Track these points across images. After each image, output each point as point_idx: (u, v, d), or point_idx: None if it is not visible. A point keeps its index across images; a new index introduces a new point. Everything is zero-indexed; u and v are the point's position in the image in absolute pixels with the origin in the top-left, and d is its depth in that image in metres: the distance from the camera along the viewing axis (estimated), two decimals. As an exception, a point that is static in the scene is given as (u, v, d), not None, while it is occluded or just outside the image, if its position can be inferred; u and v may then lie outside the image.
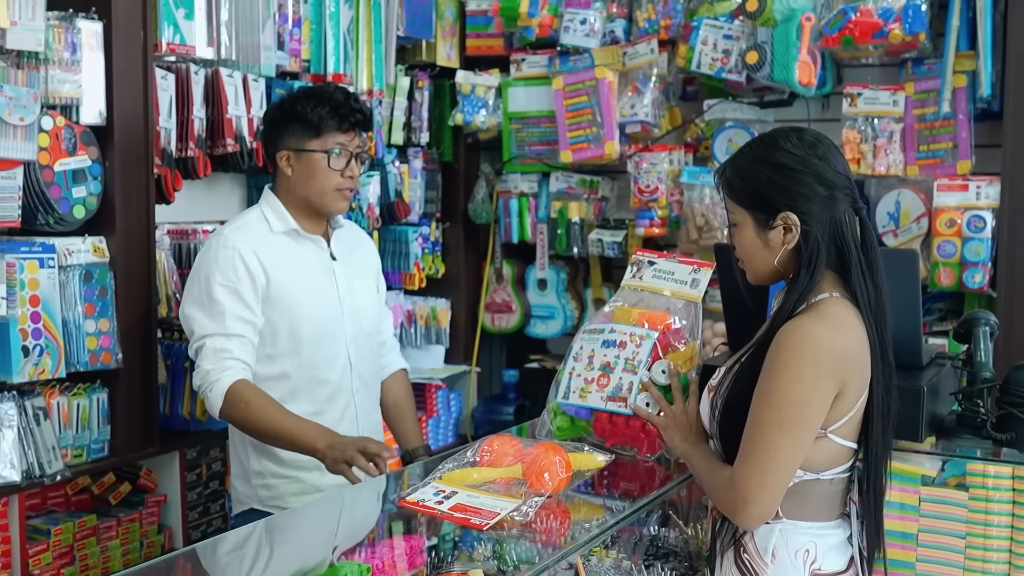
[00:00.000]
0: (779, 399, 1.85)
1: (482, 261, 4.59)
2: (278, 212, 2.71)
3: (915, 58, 3.69)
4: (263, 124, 2.82)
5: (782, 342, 1.88)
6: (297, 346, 2.66)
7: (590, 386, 2.21)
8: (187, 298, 2.65)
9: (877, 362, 1.95)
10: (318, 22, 3.70)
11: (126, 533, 3.08)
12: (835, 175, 1.93)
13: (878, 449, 1.97)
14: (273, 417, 2.51)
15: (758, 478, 1.86)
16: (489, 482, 1.96)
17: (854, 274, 1.94)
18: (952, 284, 3.58)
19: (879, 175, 3.72)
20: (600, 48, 4.11)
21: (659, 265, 2.36)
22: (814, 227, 1.92)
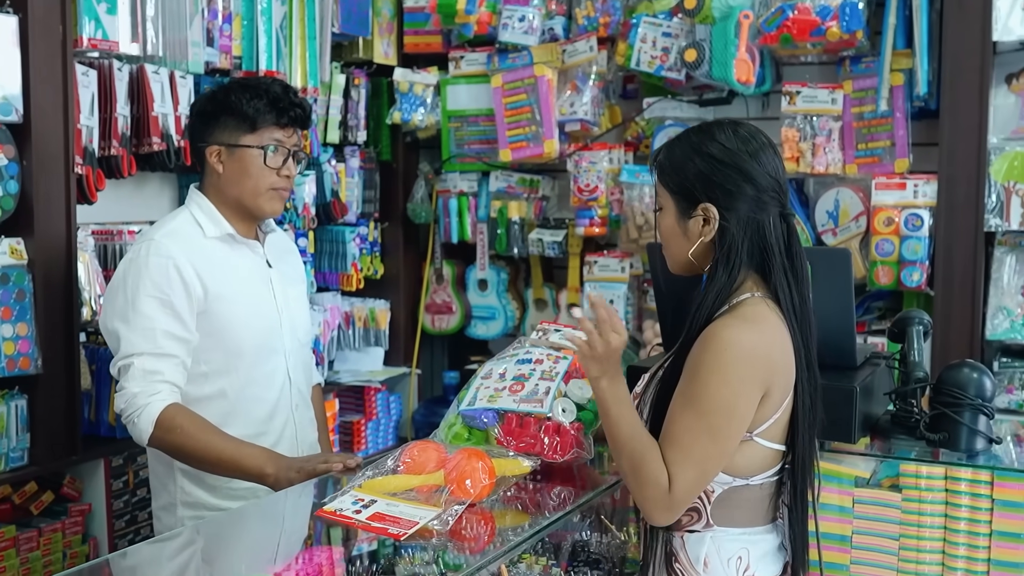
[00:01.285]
0: (706, 405, 1.81)
1: (422, 261, 4.53)
2: (211, 215, 2.49)
3: (853, 56, 3.69)
4: (190, 116, 2.59)
5: (706, 345, 1.83)
6: (235, 363, 2.46)
7: (501, 393, 2.16)
8: (109, 310, 2.40)
9: (801, 365, 1.91)
10: (250, 18, 3.61)
11: (48, 544, 2.98)
12: (764, 176, 1.89)
13: (804, 452, 1.93)
14: (212, 443, 2.30)
15: (689, 485, 1.82)
16: (410, 490, 1.90)
17: (776, 278, 1.90)
18: (890, 283, 3.57)
19: (818, 173, 3.71)
20: (539, 46, 4.06)
21: (565, 332, 2.31)
22: (733, 224, 1.88)
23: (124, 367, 2.34)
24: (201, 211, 2.50)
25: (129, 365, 2.33)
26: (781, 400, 1.88)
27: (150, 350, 2.33)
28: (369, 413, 4.28)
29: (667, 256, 2.03)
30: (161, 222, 2.52)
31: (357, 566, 1.82)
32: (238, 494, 2.43)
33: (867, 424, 2.52)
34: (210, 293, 2.41)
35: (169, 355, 2.35)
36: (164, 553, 1.89)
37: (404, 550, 1.80)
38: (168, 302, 2.36)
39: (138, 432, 2.33)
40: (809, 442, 1.94)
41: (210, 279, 2.41)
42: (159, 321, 2.34)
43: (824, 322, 2.46)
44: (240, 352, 2.46)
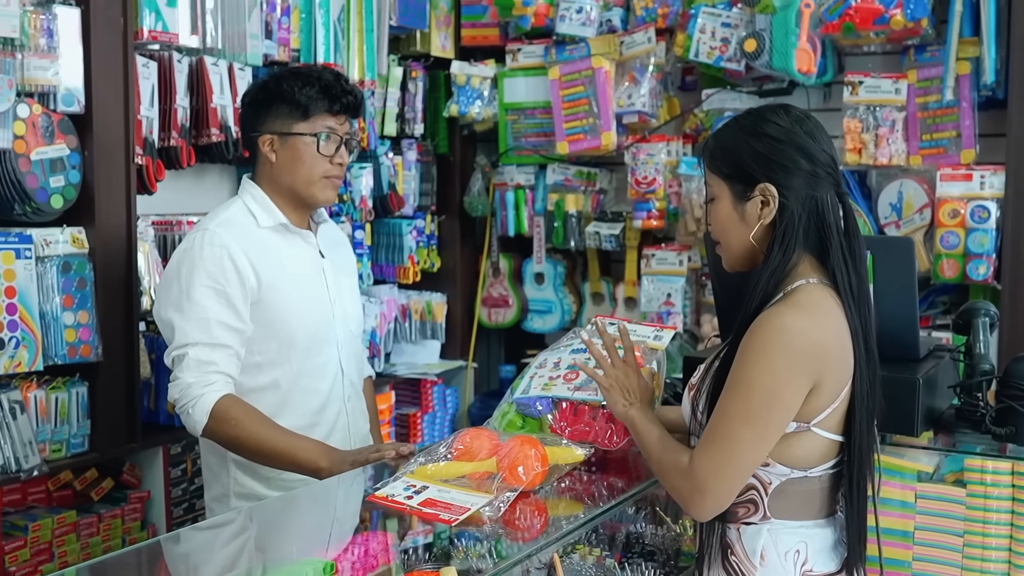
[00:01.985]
0: (748, 390, 1.76)
1: (478, 255, 4.52)
2: (264, 205, 2.47)
3: (918, 45, 3.61)
4: (242, 106, 2.56)
5: (756, 331, 1.79)
6: (288, 353, 2.43)
7: (555, 381, 2.14)
8: (164, 300, 2.38)
9: (860, 351, 1.85)
10: (308, 10, 3.63)
11: (107, 529, 3.02)
12: (820, 152, 1.85)
13: (862, 443, 1.87)
14: (267, 435, 2.28)
15: (717, 469, 1.77)
16: (462, 477, 1.89)
17: (833, 258, 1.85)
18: (956, 276, 3.49)
19: (881, 165, 3.63)
20: (596, 37, 4.03)
21: (620, 325, 2.28)
22: (792, 201, 1.83)
23: (178, 357, 2.33)
24: (254, 201, 2.49)
25: (184, 355, 2.32)
26: (838, 389, 1.83)
27: (205, 340, 2.31)
28: (425, 406, 4.29)
29: (724, 250, 1.97)
30: (215, 212, 2.50)
31: (409, 552, 1.80)
32: (291, 485, 2.41)
33: (931, 418, 2.46)
34: (264, 283, 2.39)
35: (223, 345, 2.33)
36: (214, 537, 1.90)
37: (456, 537, 1.79)
38: (223, 292, 2.34)
39: (192, 423, 2.31)
40: (867, 433, 1.88)
41: (264, 269, 2.40)
42: (213, 311, 2.33)
43: (886, 313, 2.42)
44: (293, 343, 2.44)
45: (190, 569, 1.81)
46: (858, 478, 1.87)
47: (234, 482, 2.47)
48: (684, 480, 1.80)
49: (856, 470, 1.87)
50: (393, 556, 1.82)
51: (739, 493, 1.85)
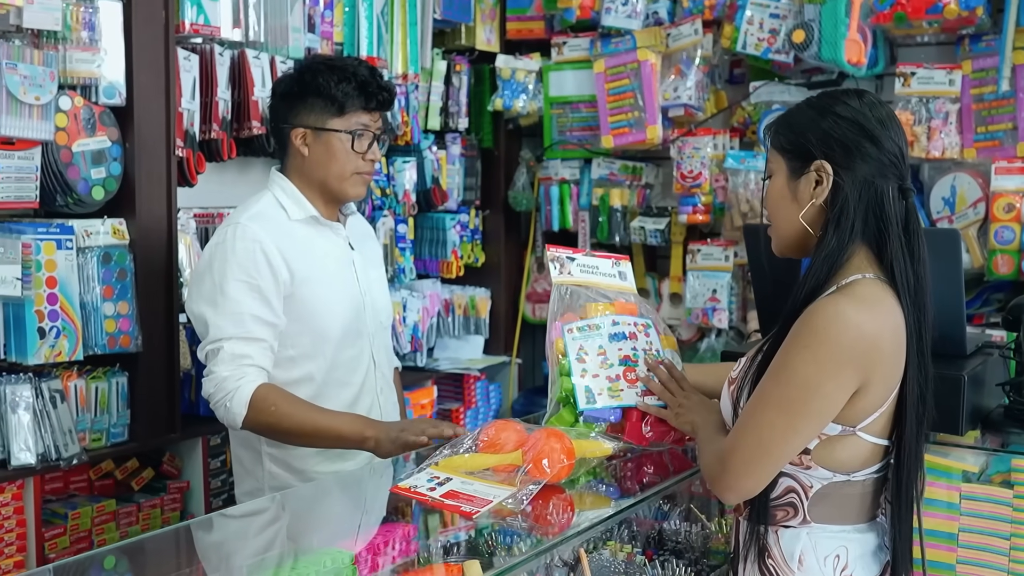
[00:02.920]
0: (787, 376, 1.71)
1: (523, 250, 4.49)
2: (294, 198, 2.46)
3: (972, 35, 3.51)
4: (274, 96, 2.52)
5: (808, 319, 1.71)
6: (322, 347, 2.44)
7: (618, 383, 2.09)
8: (196, 294, 2.38)
9: (913, 354, 1.77)
10: (351, 4, 3.63)
11: (147, 519, 3.04)
12: (888, 140, 1.77)
13: (911, 447, 1.79)
14: (308, 416, 2.28)
15: (744, 453, 1.73)
16: (487, 469, 1.86)
17: (892, 251, 1.76)
18: (1011, 272, 3.38)
19: (934, 159, 3.54)
20: (642, 30, 3.98)
21: (579, 260, 2.23)
22: (848, 184, 1.76)
23: (213, 351, 2.33)
24: (284, 193, 2.48)
25: (218, 349, 2.31)
26: (887, 392, 1.75)
27: (239, 334, 2.31)
28: (468, 401, 4.27)
29: (774, 232, 1.91)
30: (244, 206, 2.49)
31: (430, 543, 1.78)
32: (314, 473, 2.43)
33: (977, 416, 2.39)
34: (296, 276, 2.39)
35: (257, 339, 2.33)
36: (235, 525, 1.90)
37: (481, 530, 1.76)
38: (256, 286, 2.34)
39: (231, 416, 2.30)
40: (917, 437, 1.80)
41: (296, 262, 2.39)
42: (247, 305, 2.32)
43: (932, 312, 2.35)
44: (327, 336, 2.44)
45: (212, 555, 1.80)
46: (906, 483, 1.80)
47: (268, 475, 2.48)
48: (716, 462, 1.78)
49: (905, 476, 1.80)
50: (416, 548, 1.80)
51: (778, 495, 1.80)
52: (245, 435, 2.46)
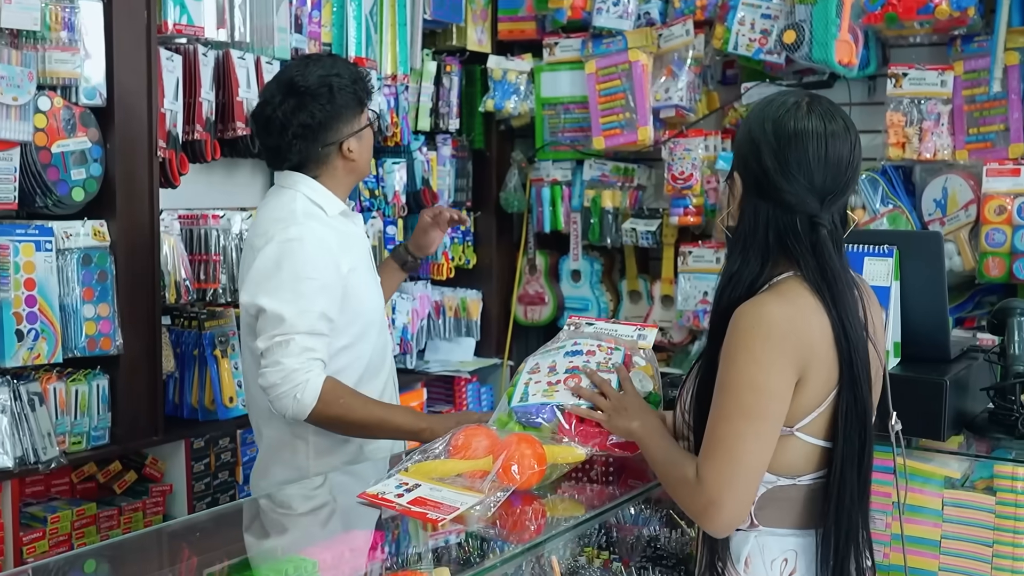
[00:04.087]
0: (736, 386, 1.69)
1: (515, 251, 4.46)
2: (324, 195, 2.52)
3: (964, 35, 3.47)
4: (305, 127, 2.46)
5: (736, 323, 1.72)
6: (368, 333, 2.56)
7: (556, 387, 2.06)
8: (261, 290, 2.39)
9: (844, 355, 1.73)
10: (340, 4, 3.60)
11: (128, 523, 3.02)
12: (804, 169, 1.73)
13: (847, 453, 1.74)
14: (371, 409, 2.41)
15: (723, 475, 1.68)
16: (458, 475, 1.84)
17: (804, 271, 1.75)
18: (1002, 275, 3.34)
19: (925, 160, 3.50)
20: (634, 30, 3.95)
21: (599, 325, 2.23)
22: (749, 207, 1.77)
23: (283, 343, 2.35)
24: (314, 192, 2.52)
25: (288, 341, 2.35)
26: (824, 392, 1.73)
27: (308, 329, 2.37)
28: (459, 403, 4.24)
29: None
30: (282, 206, 2.49)
31: (402, 551, 1.76)
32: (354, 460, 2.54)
33: (962, 421, 2.36)
34: (348, 269, 2.48)
35: (323, 334, 2.41)
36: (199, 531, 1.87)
37: (453, 537, 1.74)
38: (324, 283, 2.41)
39: (300, 407, 2.33)
40: (856, 442, 1.75)
41: (346, 255, 2.49)
42: (316, 302, 2.39)
43: (914, 311, 2.33)
44: (372, 322, 2.57)
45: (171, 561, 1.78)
46: (839, 489, 1.75)
47: (312, 464, 2.50)
48: (695, 495, 1.72)
49: (838, 480, 1.75)
50: (384, 555, 1.78)
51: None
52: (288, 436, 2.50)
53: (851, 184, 1.79)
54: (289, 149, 2.50)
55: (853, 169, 1.78)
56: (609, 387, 2.00)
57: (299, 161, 2.52)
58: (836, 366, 1.73)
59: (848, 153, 1.76)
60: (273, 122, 2.48)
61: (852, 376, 1.73)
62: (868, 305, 1.82)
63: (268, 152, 2.58)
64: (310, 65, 2.52)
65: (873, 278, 2.26)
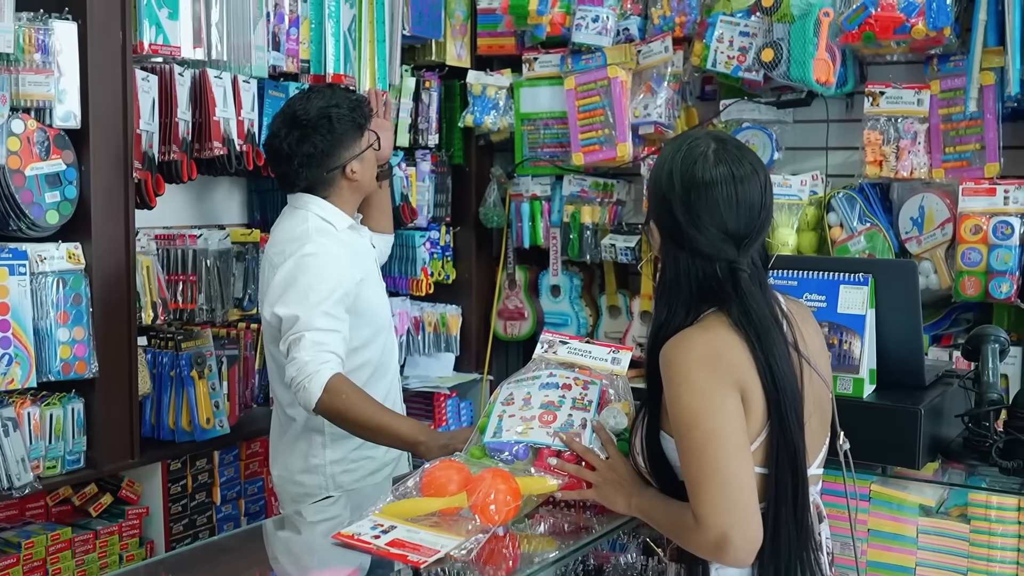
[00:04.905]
0: (691, 419, 1.71)
1: (494, 266, 4.46)
2: (332, 212, 2.78)
3: (941, 55, 3.48)
4: (308, 155, 2.73)
5: (665, 362, 1.77)
6: (378, 334, 2.82)
7: (531, 423, 2.04)
8: (279, 300, 2.62)
9: (771, 395, 1.75)
10: (318, 21, 3.59)
11: (104, 546, 3.01)
12: (716, 215, 1.77)
13: (779, 493, 1.75)
14: (373, 412, 2.51)
15: (719, 505, 1.68)
16: (432, 514, 1.83)
17: (728, 314, 1.79)
18: (977, 294, 3.36)
19: (902, 178, 3.52)
20: (613, 47, 3.95)
21: (573, 345, 2.22)
22: (669, 257, 1.83)
23: (296, 340, 2.55)
24: (323, 210, 2.77)
25: (300, 338, 2.54)
26: (758, 424, 1.76)
27: (319, 326, 2.56)
28: (439, 419, 4.24)
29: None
30: (295, 226, 2.74)
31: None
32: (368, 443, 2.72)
33: (937, 447, 2.38)
34: (360, 279, 2.72)
35: (335, 330, 2.59)
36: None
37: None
38: (335, 291, 2.62)
39: (308, 396, 2.50)
40: (789, 481, 1.75)
41: (355, 266, 2.73)
42: (329, 305, 2.59)
43: (890, 339, 2.35)
44: (382, 324, 2.85)
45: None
46: (773, 527, 1.75)
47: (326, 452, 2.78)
48: (702, 538, 1.70)
49: (772, 517, 1.75)
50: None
51: None
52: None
53: (766, 225, 1.83)
54: (297, 176, 2.77)
55: (766, 210, 1.82)
56: (594, 456, 1.96)
57: (307, 186, 2.79)
58: (762, 399, 1.75)
59: (759, 195, 1.80)
60: (280, 153, 2.77)
61: (780, 415, 1.75)
62: (802, 331, 1.85)
63: (279, 178, 2.85)
64: (312, 98, 2.77)
65: (848, 306, 2.28)
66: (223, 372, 3.35)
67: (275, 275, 2.67)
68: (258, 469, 3.45)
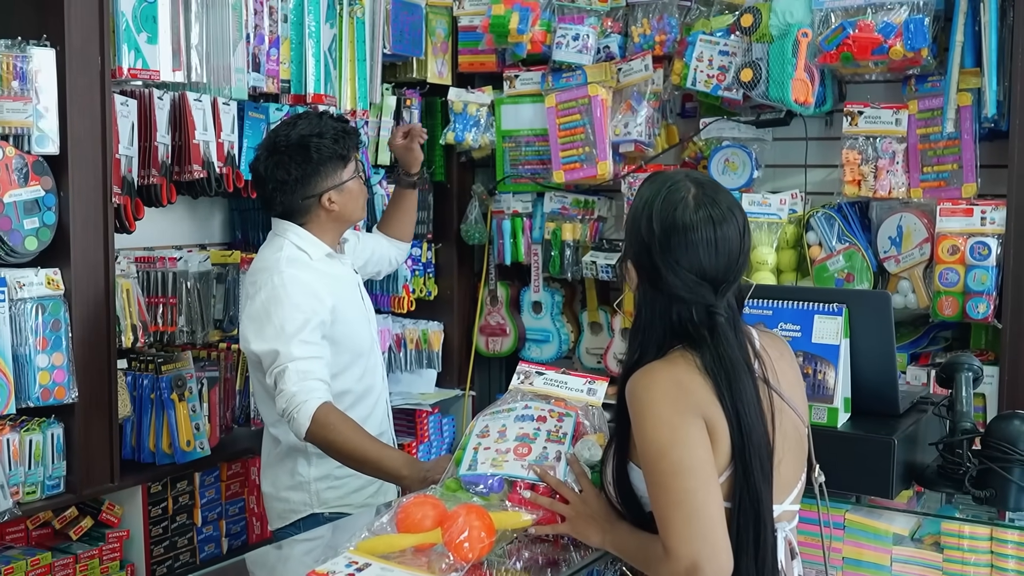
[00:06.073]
0: (657, 450, 1.74)
1: (476, 283, 4.47)
2: (309, 240, 2.79)
3: (919, 75, 3.51)
4: (283, 183, 2.76)
5: (631, 395, 1.80)
6: (358, 359, 2.84)
7: (505, 455, 2.04)
8: (258, 336, 2.65)
9: (736, 442, 1.76)
10: (298, 41, 3.59)
11: (85, 570, 3.01)
12: (693, 258, 1.79)
13: (740, 542, 1.76)
14: (360, 443, 2.54)
15: (687, 536, 1.69)
16: (408, 549, 1.84)
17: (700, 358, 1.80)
18: (955, 314, 3.38)
19: (881, 197, 3.54)
20: (593, 65, 3.96)
21: (549, 375, 2.23)
22: (645, 299, 1.85)
23: (280, 372, 2.59)
24: (300, 239, 2.79)
25: (285, 369, 2.59)
26: (723, 461, 1.77)
27: (300, 355, 2.60)
28: (421, 436, 4.24)
29: None
30: (270, 255, 2.76)
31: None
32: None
33: (912, 474, 2.39)
34: (336, 306, 2.74)
35: (317, 357, 2.64)
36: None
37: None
38: (311, 320, 2.65)
39: (297, 426, 2.56)
40: (751, 532, 1.76)
41: (330, 294, 2.73)
42: (306, 334, 2.63)
43: (864, 369, 2.36)
44: (361, 350, 2.85)
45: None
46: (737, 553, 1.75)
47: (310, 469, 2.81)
48: (672, 567, 1.71)
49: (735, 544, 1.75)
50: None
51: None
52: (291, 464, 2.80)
53: (743, 268, 1.85)
54: (272, 200, 2.81)
55: (744, 254, 1.84)
56: (567, 489, 1.97)
57: (283, 210, 2.80)
58: (727, 435, 1.76)
59: (737, 239, 1.82)
60: (258, 176, 2.82)
61: (744, 463, 1.76)
62: (776, 367, 1.87)
63: (260, 200, 2.91)
64: (297, 124, 2.80)
65: (823, 336, 2.29)
66: (204, 394, 3.35)
67: (249, 306, 2.72)
68: (239, 490, 3.45)
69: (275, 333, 2.62)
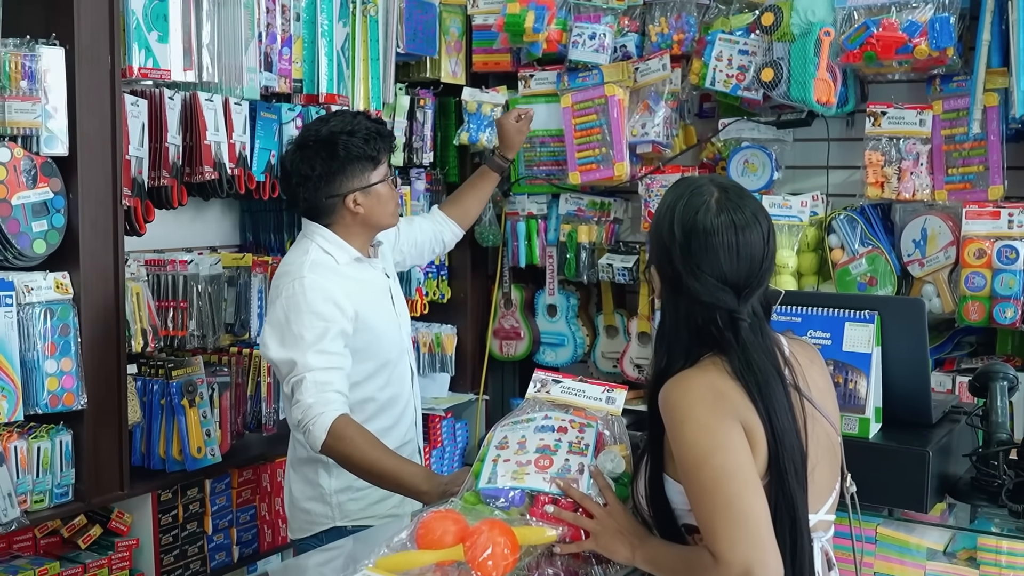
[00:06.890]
0: (698, 456, 1.69)
1: (490, 285, 4.40)
2: (337, 244, 2.73)
3: (944, 75, 3.43)
4: (307, 178, 2.70)
5: (666, 403, 1.75)
6: (383, 368, 2.76)
7: (526, 468, 1.97)
8: (276, 344, 2.60)
9: (771, 448, 1.72)
10: (311, 40, 3.53)
11: (93, 580, 2.95)
12: (716, 264, 1.76)
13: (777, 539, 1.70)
14: (377, 457, 2.48)
15: (738, 540, 1.64)
16: (428, 566, 1.77)
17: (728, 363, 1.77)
18: (982, 319, 3.31)
19: (904, 200, 3.47)
20: (610, 64, 3.90)
21: (567, 384, 2.17)
22: (669, 304, 1.82)
23: (298, 382, 2.55)
24: (327, 242, 2.73)
25: (302, 379, 2.54)
26: (765, 459, 1.73)
27: (320, 365, 2.55)
28: (434, 440, 4.18)
29: None
30: (295, 259, 2.70)
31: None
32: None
33: (945, 486, 2.32)
34: (359, 313, 2.66)
35: (336, 367, 2.58)
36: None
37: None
38: (330, 329, 2.59)
39: (313, 439, 2.51)
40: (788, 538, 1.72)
41: (355, 300, 2.66)
42: (325, 344, 2.57)
43: (896, 377, 2.29)
44: (387, 358, 2.77)
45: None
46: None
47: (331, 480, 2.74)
48: (724, 574, 1.65)
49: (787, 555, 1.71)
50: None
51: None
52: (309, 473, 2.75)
53: (767, 274, 1.81)
54: (296, 196, 2.75)
55: (768, 260, 1.80)
56: (591, 503, 1.89)
57: (306, 208, 2.75)
58: (764, 442, 1.73)
59: (761, 244, 1.78)
60: (284, 169, 2.79)
61: (779, 469, 1.73)
62: (807, 375, 1.84)
63: (285, 196, 2.87)
64: (331, 120, 2.74)
65: (854, 344, 2.23)
66: (214, 399, 3.28)
67: (271, 312, 2.67)
68: (250, 497, 3.39)
69: (294, 341, 2.57)
